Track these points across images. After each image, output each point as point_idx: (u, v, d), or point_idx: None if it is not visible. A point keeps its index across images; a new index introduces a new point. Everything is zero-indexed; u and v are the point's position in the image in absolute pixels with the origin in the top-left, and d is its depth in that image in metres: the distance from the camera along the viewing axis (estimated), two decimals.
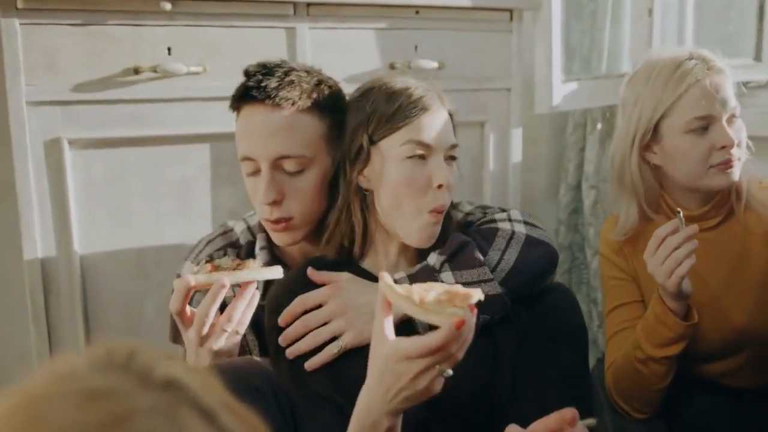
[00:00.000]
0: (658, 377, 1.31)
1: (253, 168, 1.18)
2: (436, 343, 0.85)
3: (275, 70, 1.17)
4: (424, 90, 1.14)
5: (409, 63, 1.65)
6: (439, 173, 1.11)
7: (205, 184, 1.53)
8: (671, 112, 1.31)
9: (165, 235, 1.51)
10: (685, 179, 1.34)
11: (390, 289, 0.89)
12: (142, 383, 0.41)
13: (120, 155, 1.45)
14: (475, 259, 1.11)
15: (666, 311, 1.26)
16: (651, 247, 1.23)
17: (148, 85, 1.43)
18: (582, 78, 1.94)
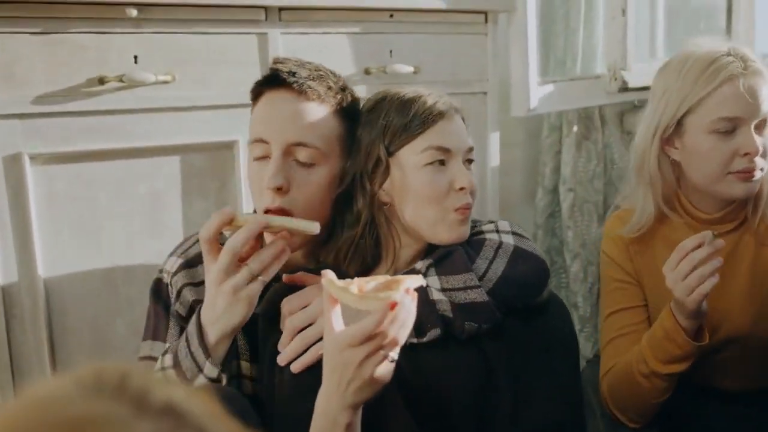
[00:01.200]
0: (659, 392, 1.28)
1: (262, 152, 1.14)
2: (371, 325, 0.89)
3: (306, 64, 1.18)
4: (437, 96, 1.15)
5: (384, 68, 1.61)
6: (461, 176, 1.12)
7: (176, 198, 1.47)
8: (698, 108, 1.25)
9: (135, 252, 1.44)
10: (701, 181, 1.29)
11: (331, 284, 0.93)
12: (138, 409, 0.37)
13: (85, 170, 1.37)
14: (462, 265, 1.09)
15: (677, 329, 1.21)
16: (673, 261, 1.17)
17: (114, 95, 1.36)
18: (557, 80, 1.92)
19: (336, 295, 0.93)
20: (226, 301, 1.03)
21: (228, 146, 1.49)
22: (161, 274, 1.22)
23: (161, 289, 1.21)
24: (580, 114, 2.09)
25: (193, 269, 1.19)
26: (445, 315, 1.06)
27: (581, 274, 2.13)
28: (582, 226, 2.13)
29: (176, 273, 1.19)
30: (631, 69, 1.94)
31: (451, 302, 1.06)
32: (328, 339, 0.93)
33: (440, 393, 1.09)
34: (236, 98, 1.46)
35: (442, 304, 1.06)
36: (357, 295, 0.91)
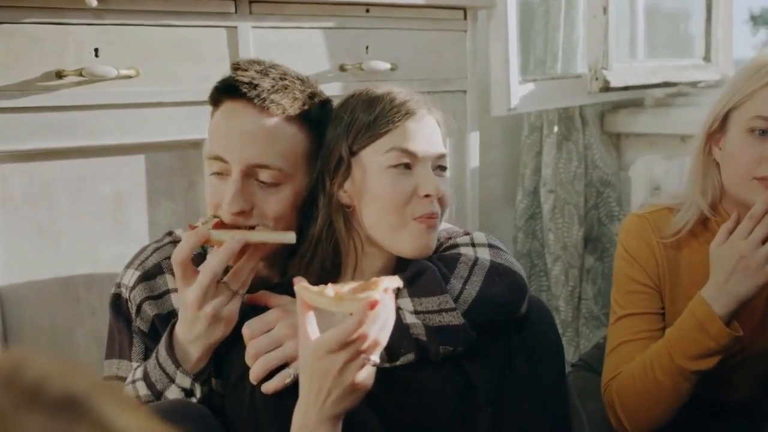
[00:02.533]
0: (681, 394, 1.21)
1: (220, 169, 1.06)
2: (351, 327, 0.84)
3: (270, 71, 1.07)
4: (408, 95, 1.07)
5: (360, 64, 1.55)
6: (426, 182, 1.03)
7: (141, 199, 1.39)
8: (742, 105, 1.20)
9: (97, 257, 1.36)
10: (729, 185, 1.24)
11: (305, 290, 0.89)
12: (30, 400, 0.32)
13: (43, 169, 1.29)
14: (436, 286, 1.02)
15: (712, 318, 1.15)
16: (745, 228, 1.14)
17: (73, 90, 1.28)
18: (538, 79, 1.88)
19: (311, 300, 0.88)
20: (206, 323, 0.99)
21: (196, 145, 1.42)
22: (119, 288, 1.15)
23: (121, 305, 1.14)
24: (560, 114, 2.05)
25: (151, 281, 1.12)
26: (419, 339, 1.01)
27: (562, 278, 2.09)
28: (563, 229, 2.09)
29: (134, 287, 1.12)
30: (612, 68, 1.90)
31: (425, 326, 1.01)
32: (304, 347, 0.88)
33: (418, 414, 1.05)
34: (204, 95, 1.37)
35: (416, 328, 1.01)
36: (334, 297, 0.86)
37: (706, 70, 2.17)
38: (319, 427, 0.88)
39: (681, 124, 2.03)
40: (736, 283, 1.15)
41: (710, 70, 2.16)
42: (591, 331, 2.18)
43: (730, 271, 1.16)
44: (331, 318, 0.96)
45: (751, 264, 1.14)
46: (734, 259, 1.16)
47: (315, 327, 0.89)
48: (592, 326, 2.19)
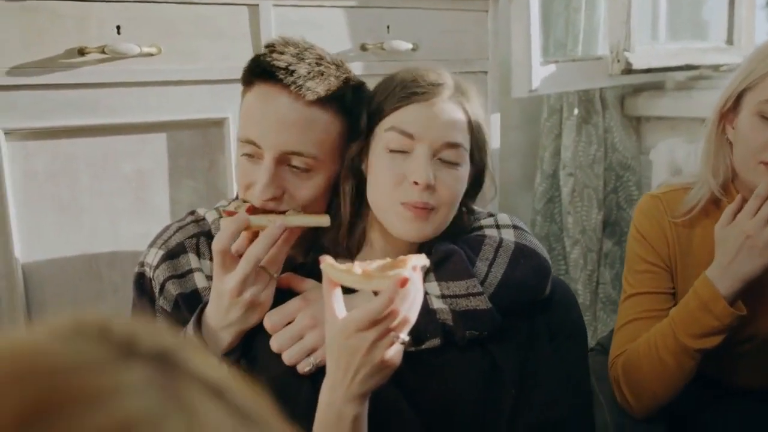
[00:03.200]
0: (684, 372, 1.21)
1: (252, 152, 1.04)
2: (382, 305, 0.83)
3: (306, 55, 1.04)
4: (436, 80, 1.02)
5: (381, 44, 1.54)
6: (418, 169, 0.98)
7: (163, 177, 1.39)
8: (756, 86, 1.19)
9: (119, 234, 1.36)
10: (738, 166, 1.23)
11: (331, 268, 0.87)
12: (126, 354, 0.32)
13: (65, 147, 1.29)
14: (464, 270, 1.01)
15: (716, 297, 1.16)
16: (751, 208, 1.14)
17: (95, 68, 1.28)
18: (559, 60, 1.86)
19: (338, 279, 0.87)
20: (243, 309, 0.99)
21: (217, 123, 1.42)
22: (143, 267, 1.15)
23: (144, 284, 1.14)
24: (580, 97, 2.03)
25: (174, 260, 1.12)
26: (445, 323, 1.00)
27: (581, 261, 2.08)
28: (582, 212, 2.07)
29: (158, 266, 1.11)
30: (635, 50, 1.88)
31: (452, 311, 1.00)
32: (332, 326, 0.87)
33: (443, 396, 1.04)
34: (226, 73, 1.39)
35: (443, 313, 1.00)
36: (362, 275, 0.85)
37: (728, 52, 2.14)
38: (346, 406, 0.87)
39: (703, 107, 1.99)
40: (742, 263, 1.15)
41: (732, 53, 2.13)
42: (608, 316, 2.17)
43: (735, 250, 1.16)
44: (351, 299, 0.96)
45: (757, 243, 1.14)
46: (740, 238, 1.16)
47: (342, 305, 0.88)
48: (610, 311, 2.18)
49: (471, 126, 1.03)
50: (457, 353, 1.04)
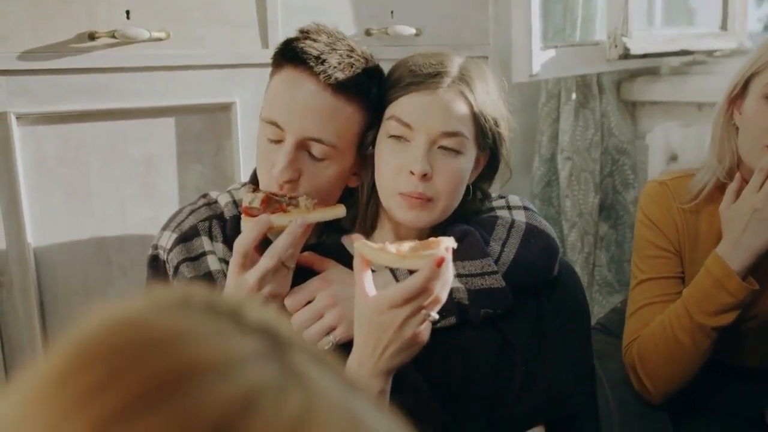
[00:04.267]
0: (701, 352, 1.24)
1: (275, 135, 1.06)
2: (419, 283, 0.86)
3: (338, 45, 1.05)
4: (437, 68, 1.02)
5: (385, 29, 1.55)
6: (414, 160, 1.00)
7: (171, 162, 1.40)
8: (763, 70, 1.21)
9: (128, 218, 1.38)
10: (742, 150, 1.25)
11: (365, 246, 0.89)
12: (238, 325, 0.32)
13: (75, 131, 1.30)
14: (479, 250, 1.04)
15: (729, 273, 1.18)
16: (756, 182, 1.16)
17: (105, 52, 1.29)
18: (559, 45, 1.88)
19: (372, 257, 0.89)
20: (261, 303, 1.00)
21: (225, 108, 1.43)
22: (156, 250, 1.16)
23: (158, 266, 1.15)
24: (577, 81, 2.05)
25: (188, 243, 1.13)
26: (460, 302, 1.03)
27: (578, 244, 2.11)
28: (579, 196, 2.11)
29: (172, 249, 1.13)
30: (632, 35, 1.90)
31: (468, 289, 1.02)
32: (362, 303, 0.90)
33: (456, 374, 1.07)
34: (233, 58, 1.40)
35: (458, 292, 1.02)
36: (397, 254, 0.87)
37: (723, 38, 2.17)
38: (372, 381, 0.89)
39: (698, 91, 2.04)
40: (752, 236, 1.18)
41: (727, 39, 2.16)
42: (604, 297, 2.21)
43: (744, 225, 1.19)
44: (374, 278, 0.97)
45: (765, 215, 1.16)
46: (748, 213, 1.18)
47: (371, 283, 0.91)
48: (605, 292, 2.22)
49: (474, 114, 1.03)
50: (470, 331, 1.06)
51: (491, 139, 1.07)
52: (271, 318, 0.34)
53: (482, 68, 1.09)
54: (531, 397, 1.08)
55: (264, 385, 0.30)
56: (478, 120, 1.04)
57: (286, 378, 0.31)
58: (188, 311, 0.33)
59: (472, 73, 1.05)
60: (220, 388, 0.29)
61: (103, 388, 0.29)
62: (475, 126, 1.04)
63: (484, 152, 1.09)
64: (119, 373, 0.29)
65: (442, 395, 1.05)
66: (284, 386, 0.30)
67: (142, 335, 0.31)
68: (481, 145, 1.06)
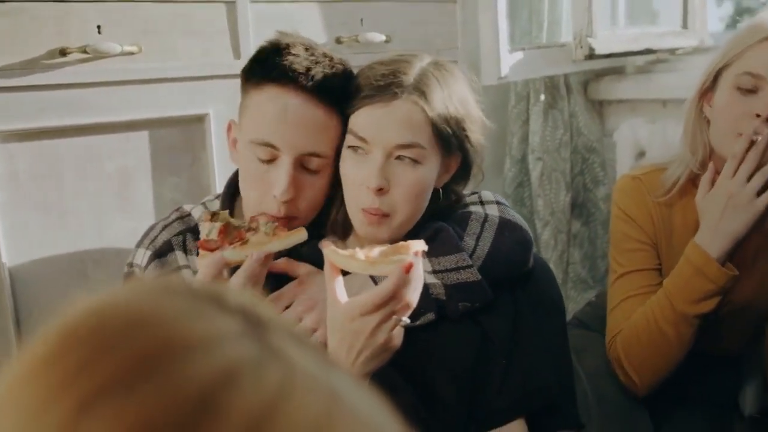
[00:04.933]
0: (684, 342, 1.26)
1: (267, 155, 1.05)
2: (387, 289, 0.86)
3: (321, 60, 1.05)
4: (391, 79, 1.01)
5: (356, 36, 1.57)
6: (369, 173, 1.01)
7: (146, 175, 1.41)
8: (733, 63, 1.24)
9: (105, 233, 1.37)
10: (715, 141, 1.28)
11: (334, 253, 0.90)
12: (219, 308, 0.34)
13: (49, 147, 1.30)
14: (453, 245, 1.05)
15: (709, 260, 1.20)
16: (729, 169, 1.19)
17: (77, 67, 1.28)
18: (526, 48, 1.92)
19: (342, 264, 0.90)
20: None
21: (199, 120, 1.43)
22: (132, 268, 1.16)
23: None
24: (546, 83, 2.09)
25: (163, 259, 1.14)
26: (438, 298, 1.04)
27: (552, 242, 2.15)
28: (551, 195, 2.14)
29: (147, 266, 1.13)
30: (597, 36, 1.94)
31: (444, 284, 1.04)
32: (334, 310, 0.90)
33: (436, 370, 1.08)
34: (206, 70, 1.41)
35: (435, 288, 1.03)
36: (366, 261, 0.88)
37: (684, 36, 2.22)
38: None
39: (662, 89, 2.09)
40: (729, 222, 1.20)
41: (688, 37, 2.22)
42: (579, 294, 2.24)
43: (721, 211, 1.21)
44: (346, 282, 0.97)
45: (741, 200, 1.19)
46: (724, 200, 1.21)
47: (343, 289, 0.91)
48: (580, 289, 2.26)
49: (431, 122, 1.02)
50: (449, 327, 1.07)
51: (457, 143, 1.06)
52: (250, 300, 0.35)
53: (445, 70, 1.07)
54: (510, 391, 1.10)
55: (244, 360, 0.31)
56: (436, 127, 1.02)
57: (265, 355, 0.32)
58: (169, 295, 0.34)
59: (430, 79, 1.03)
60: (201, 363, 0.30)
61: (88, 367, 0.30)
62: (435, 134, 1.03)
63: (455, 156, 1.09)
64: (102, 351, 0.30)
65: (422, 392, 1.06)
66: (264, 362, 0.31)
67: (123, 316, 0.32)
68: (444, 150, 1.06)
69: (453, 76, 1.07)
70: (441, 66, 1.07)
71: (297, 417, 0.30)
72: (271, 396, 0.30)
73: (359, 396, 0.34)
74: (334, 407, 0.32)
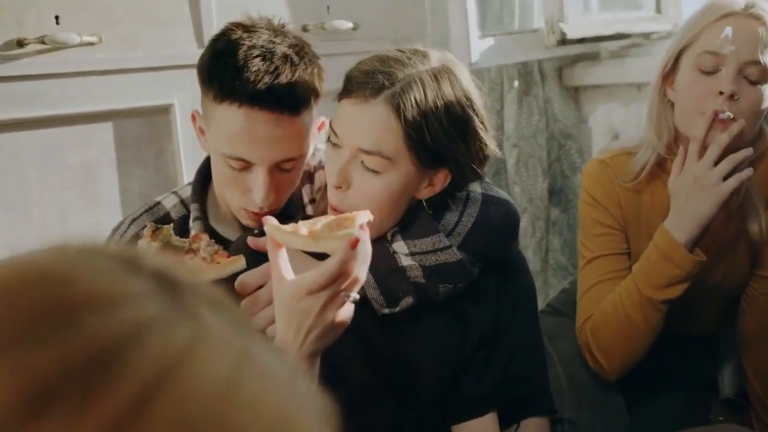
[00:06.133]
0: (652, 327, 1.24)
1: (241, 166, 1.04)
2: (334, 268, 0.83)
3: (281, 67, 1.00)
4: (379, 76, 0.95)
5: (322, 24, 1.56)
6: (331, 170, 0.99)
7: (111, 167, 1.39)
8: (693, 44, 1.23)
9: (70, 227, 1.36)
10: (679, 123, 1.26)
11: (276, 230, 0.86)
12: (132, 268, 0.33)
13: (9, 140, 1.28)
14: (428, 227, 1.03)
15: (676, 246, 1.19)
16: (693, 151, 1.18)
17: (35, 59, 1.27)
18: (497, 34, 1.91)
19: (284, 241, 0.86)
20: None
21: (163, 110, 1.42)
22: None
23: None
24: (519, 70, 2.08)
25: None
26: (417, 281, 1.01)
27: (530, 229, 2.14)
28: (528, 182, 2.13)
29: None
30: (568, 21, 1.94)
31: (422, 266, 1.01)
32: (280, 288, 0.86)
33: (416, 363, 1.06)
34: (169, 59, 1.40)
35: (413, 270, 1.01)
36: (309, 237, 0.84)
37: (658, 21, 2.22)
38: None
39: (636, 73, 2.08)
40: (695, 206, 1.19)
41: (662, 21, 2.22)
42: (559, 281, 2.24)
43: (687, 195, 1.20)
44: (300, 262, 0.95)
45: (707, 183, 1.17)
46: (689, 182, 1.20)
47: (288, 266, 0.88)
48: (560, 276, 2.25)
49: (405, 132, 0.95)
50: (430, 313, 1.05)
51: (442, 158, 0.99)
52: (167, 264, 0.34)
53: (446, 78, 0.99)
54: (486, 381, 1.08)
55: (151, 320, 0.30)
56: (411, 139, 0.96)
57: (175, 315, 0.31)
58: (82, 254, 0.33)
59: (417, 86, 0.96)
60: (106, 321, 0.29)
61: None
62: (409, 145, 0.96)
63: (441, 171, 1.01)
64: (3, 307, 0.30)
65: (398, 383, 1.05)
66: (172, 322, 0.31)
67: (29, 273, 0.32)
68: (422, 164, 0.99)
69: (454, 85, 0.99)
70: (444, 72, 0.99)
71: (202, 376, 0.29)
72: (175, 355, 0.30)
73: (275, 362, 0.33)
74: (244, 368, 0.31)
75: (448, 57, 1.04)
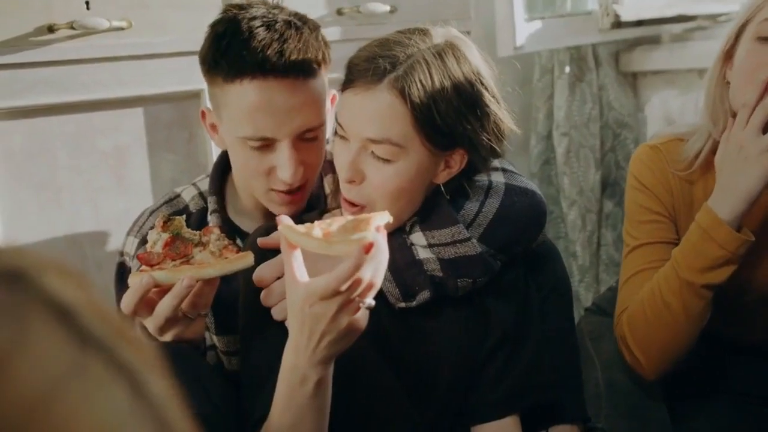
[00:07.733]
0: (691, 316, 1.14)
1: (263, 145, 1.03)
2: (347, 273, 0.79)
3: (286, 33, 1.00)
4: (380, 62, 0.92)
5: (357, 7, 1.52)
6: (342, 165, 0.96)
7: (141, 152, 1.39)
8: (754, 16, 1.13)
9: (101, 212, 1.37)
10: (734, 101, 1.15)
11: (290, 230, 0.83)
12: None
13: (41, 125, 1.30)
14: (448, 217, 0.98)
15: (718, 223, 1.09)
16: (741, 119, 1.09)
17: (65, 44, 1.27)
18: (546, 16, 1.82)
19: (297, 242, 0.83)
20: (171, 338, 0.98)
21: (194, 95, 1.41)
22: (122, 257, 1.16)
23: (125, 274, 1.14)
24: (572, 54, 1.99)
25: None
26: (434, 275, 0.98)
27: (579, 222, 2.05)
28: (579, 173, 2.04)
29: (135, 254, 1.12)
30: (624, 2, 1.83)
31: (440, 259, 0.97)
32: (293, 291, 0.83)
33: (434, 360, 1.02)
34: (199, 44, 1.37)
35: (430, 263, 0.97)
36: (323, 240, 0.81)
37: (722, 1, 2.07)
38: (310, 370, 0.85)
39: (699, 58, 1.95)
40: (740, 178, 1.09)
41: (726, 2, 2.07)
42: (611, 278, 2.14)
43: (731, 167, 1.10)
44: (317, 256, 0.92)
45: (752, 152, 1.07)
46: (734, 153, 1.10)
47: (303, 268, 0.85)
48: (613, 273, 2.15)
49: (414, 116, 0.92)
50: (451, 310, 1.01)
51: (456, 139, 0.96)
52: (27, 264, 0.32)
53: (451, 55, 0.96)
54: (507, 382, 1.03)
55: None
56: (420, 122, 0.93)
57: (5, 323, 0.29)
58: None
59: (422, 66, 0.92)
60: None
61: None
62: (419, 129, 0.93)
63: (457, 152, 0.98)
64: None
65: (415, 380, 1.01)
66: None
67: None
68: (435, 147, 0.96)
69: (460, 62, 0.96)
70: (447, 49, 0.96)
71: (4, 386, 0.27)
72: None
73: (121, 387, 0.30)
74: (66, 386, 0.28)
75: (452, 33, 1.00)
